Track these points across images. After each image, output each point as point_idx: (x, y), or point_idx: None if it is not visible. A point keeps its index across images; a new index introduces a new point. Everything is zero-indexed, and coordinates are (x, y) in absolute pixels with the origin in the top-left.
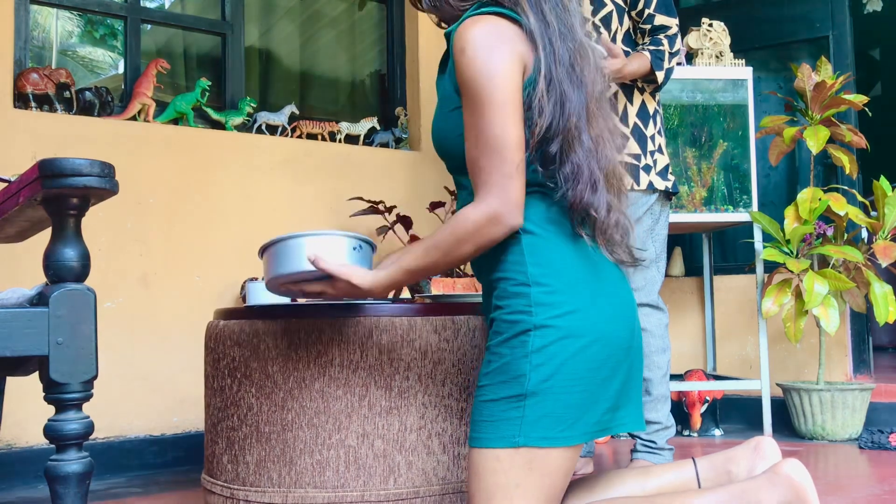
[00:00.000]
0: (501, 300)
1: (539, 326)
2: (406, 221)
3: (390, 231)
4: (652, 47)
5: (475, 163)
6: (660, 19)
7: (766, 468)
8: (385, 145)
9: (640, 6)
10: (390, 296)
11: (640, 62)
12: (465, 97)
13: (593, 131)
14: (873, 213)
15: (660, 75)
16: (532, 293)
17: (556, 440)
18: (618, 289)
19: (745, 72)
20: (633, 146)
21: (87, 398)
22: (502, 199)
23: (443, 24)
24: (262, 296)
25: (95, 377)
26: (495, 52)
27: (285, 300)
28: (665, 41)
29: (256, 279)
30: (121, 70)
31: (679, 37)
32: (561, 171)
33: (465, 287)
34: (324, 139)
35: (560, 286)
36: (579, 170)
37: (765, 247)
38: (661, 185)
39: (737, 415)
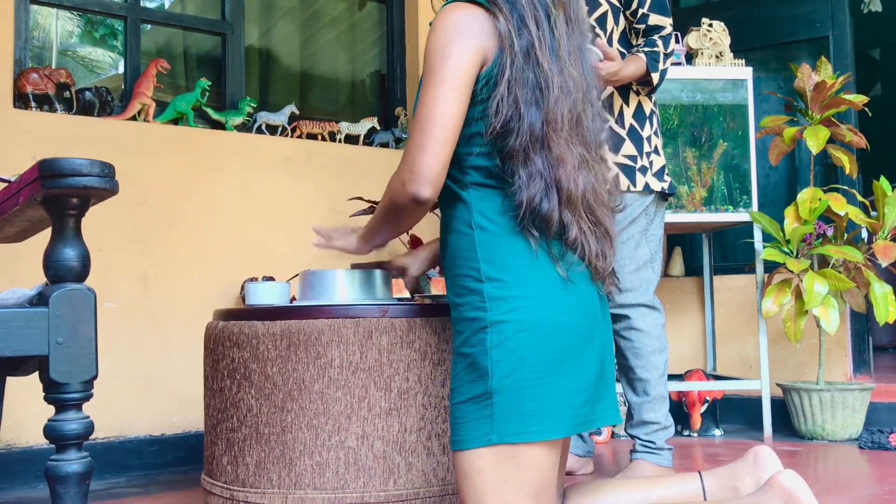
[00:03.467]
0: (459, 297)
1: (494, 322)
2: None
3: None
4: (647, 48)
5: (409, 132)
6: (654, 19)
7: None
8: (385, 145)
9: (634, 5)
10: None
11: (636, 65)
12: (423, 70)
13: (554, 150)
14: (873, 213)
15: (655, 77)
16: (485, 289)
17: (529, 434)
18: (576, 279)
19: (745, 72)
20: (629, 148)
21: (87, 398)
22: (409, 167)
23: None
24: (262, 296)
25: (95, 377)
26: (458, 37)
27: (284, 301)
28: (660, 42)
29: (256, 279)
30: (121, 70)
31: (674, 37)
32: (518, 172)
33: None
34: (324, 139)
35: (512, 280)
36: (532, 176)
37: (765, 247)
38: (657, 186)
39: (737, 415)
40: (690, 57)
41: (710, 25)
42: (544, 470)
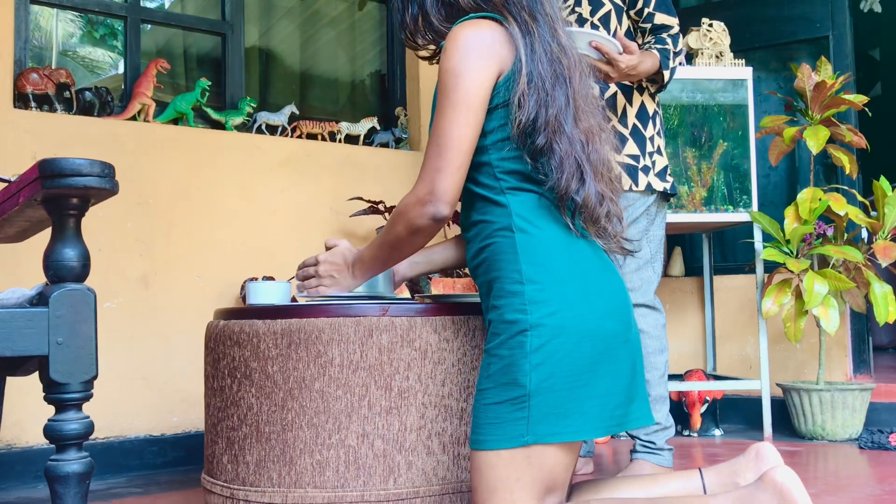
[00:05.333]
0: (498, 300)
1: (534, 326)
2: None
3: None
4: (658, 46)
5: (425, 152)
6: (660, 18)
7: None
8: (385, 145)
9: (640, 5)
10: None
11: (652, 61)
12: (438, 90)
13: (581, 125)
14: (873, 213)
15: (666, 74)
16: (526, 291)
17: (564, 435)
18: (611, 283)
19: (745, 72)
20: (632, 147)
21: (87, 398)
22: (428, 188)
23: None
24: (262, 296)
25: (95, 377)
26: (472, 55)
27: (285, 300)
28: (669, 40)
29: (256, 279)
30: (121, 70)
31: (681, 36)
32: (549, 163)
33: (465, 287)
34: (324, 139)
35: (552, 283)
36: (565, 161)
37: (765, 247)
38: (659, 186)
39: (737, 415)
40: (690, 57)
41: (710, 25)
42: (557, 472)
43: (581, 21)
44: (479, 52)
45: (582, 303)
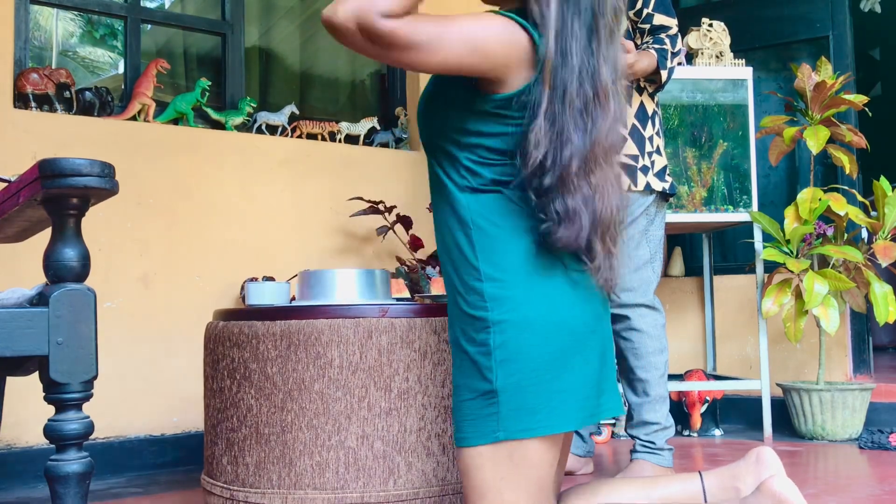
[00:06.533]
0: (460, 295)
1: (496, 322)
2: (406, 221)
3: (390, 231)
4: (656, 46)
5: None
6: (659, 19)
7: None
8: (385, 145)
9: (639, 5)
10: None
11: (648, 60)
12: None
13: (594, 178)
14: (873, 213)
15: (664, 74)
16: (485, 289)
17: (535, 430)
18: (578, 275)
19: (745, 72)
20: (631, 147)
21: (87, 398)
22: None
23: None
24: (262, 296)
25: (95, 377)
26: (500, 34)
27: (284, 301)
28: (667, 41)
29: (256, 279)
30: (121, 70)
31: (679, 37)
32: (551, 207)
33: None
34: (324, 139)
35: (512, 280)
36: (570, 213)
37: (765, 247)
38: (658, 186)
39: (737, 415)
40: (690, 57)
41: (710, 25)
42: (542, 468)
43: None
44: (504, 37)
45: (546, 297)
